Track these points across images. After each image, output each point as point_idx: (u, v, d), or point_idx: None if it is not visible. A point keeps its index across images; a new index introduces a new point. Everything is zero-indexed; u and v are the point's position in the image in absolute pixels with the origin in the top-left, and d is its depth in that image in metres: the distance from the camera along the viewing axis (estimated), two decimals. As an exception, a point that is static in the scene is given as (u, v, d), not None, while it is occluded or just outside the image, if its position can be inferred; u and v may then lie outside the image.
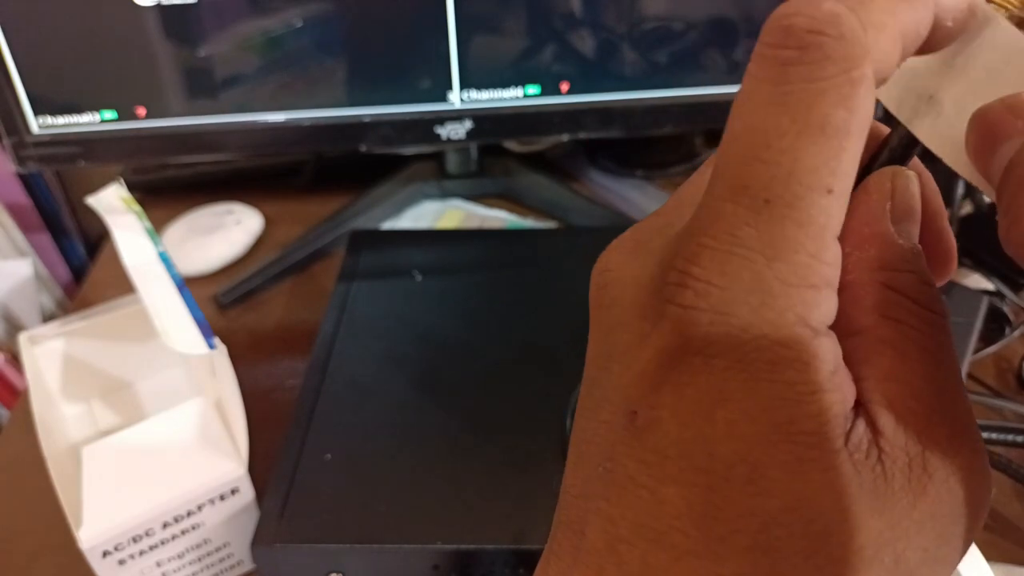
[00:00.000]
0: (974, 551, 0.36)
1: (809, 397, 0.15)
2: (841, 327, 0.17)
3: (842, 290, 0.17)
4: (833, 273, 0.16)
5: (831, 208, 0.16)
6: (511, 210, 0.71)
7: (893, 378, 0.16)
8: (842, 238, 0.16)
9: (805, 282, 0.16)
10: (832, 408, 0.16)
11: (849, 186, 0.16)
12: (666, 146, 0.75)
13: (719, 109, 0.60)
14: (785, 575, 0.15)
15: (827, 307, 0.16)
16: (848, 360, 0.17)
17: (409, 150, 0.72)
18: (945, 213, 0.19)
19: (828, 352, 0.16)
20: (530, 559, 0.39)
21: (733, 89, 0.60)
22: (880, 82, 0.16)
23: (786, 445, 0.15)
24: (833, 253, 0.16)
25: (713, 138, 0.75)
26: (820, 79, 0.15)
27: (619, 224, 0.68)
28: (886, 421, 0.16)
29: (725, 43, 0.59)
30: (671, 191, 0.73)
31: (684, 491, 0.16)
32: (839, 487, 0.15)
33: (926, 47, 0.17)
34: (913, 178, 0.18)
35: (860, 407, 0.16)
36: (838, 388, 0.16)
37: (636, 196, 0.71)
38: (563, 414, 0.44)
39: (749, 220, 0.16)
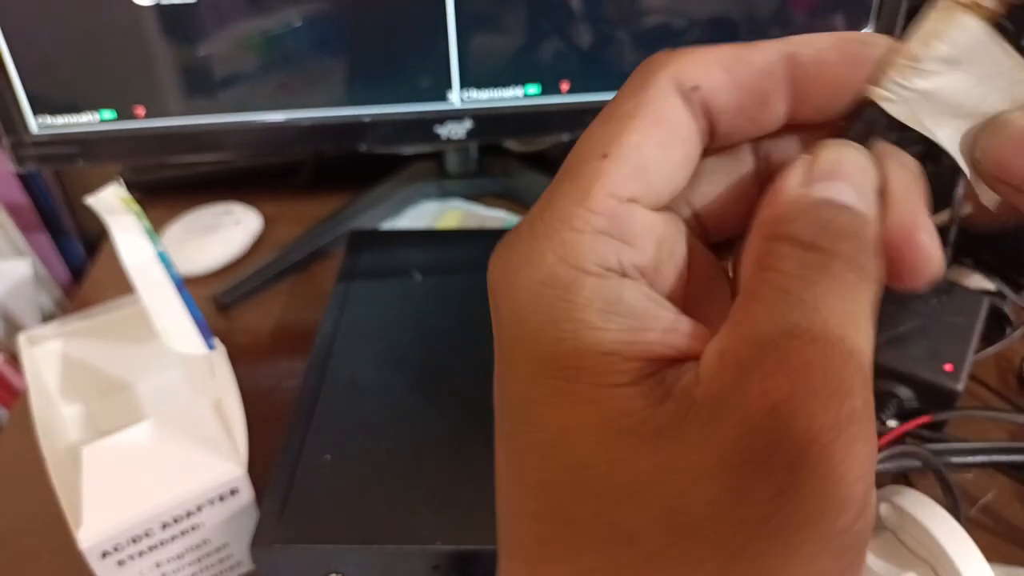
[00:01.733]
0: (974, 551, 0.36)
1: (571, 332, 0.16)
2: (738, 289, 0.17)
3: (745, 256, 0.17)
4: (602, 222, 0.17)
5: (603, 168, 0.17)
6: (511, 210, 0.71)
7: (735, 325, 0.16)
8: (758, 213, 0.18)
9: (565, 225, 0.17)
10: (599, 344, 0.16)
11: (639, 160, 0.17)
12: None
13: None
14: (558, 506, 0.16)
15: (597, 250, 0.17)
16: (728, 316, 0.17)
17: (409, 150, 0.72)
18: (921, 208, 0.18)
19: (594, 290, 0.16)
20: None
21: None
22: (696, 90, 0.18)
23: (550, 380, 0.16)
24: (603, 204, 0.17)
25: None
26: (623, 87, 0.18)
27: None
28: (706, 366, 0.16)
29: (725, 41, 0.59)
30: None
31: (500, 444, 0.18)
32: (599, 421, 0.16)
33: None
34: (841, 146, 0.18)
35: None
36: (616, 327, 0.16)
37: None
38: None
39: (546, 190, 0.18)
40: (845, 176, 0.17)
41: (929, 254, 0.18)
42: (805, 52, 0.18)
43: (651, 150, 0.18)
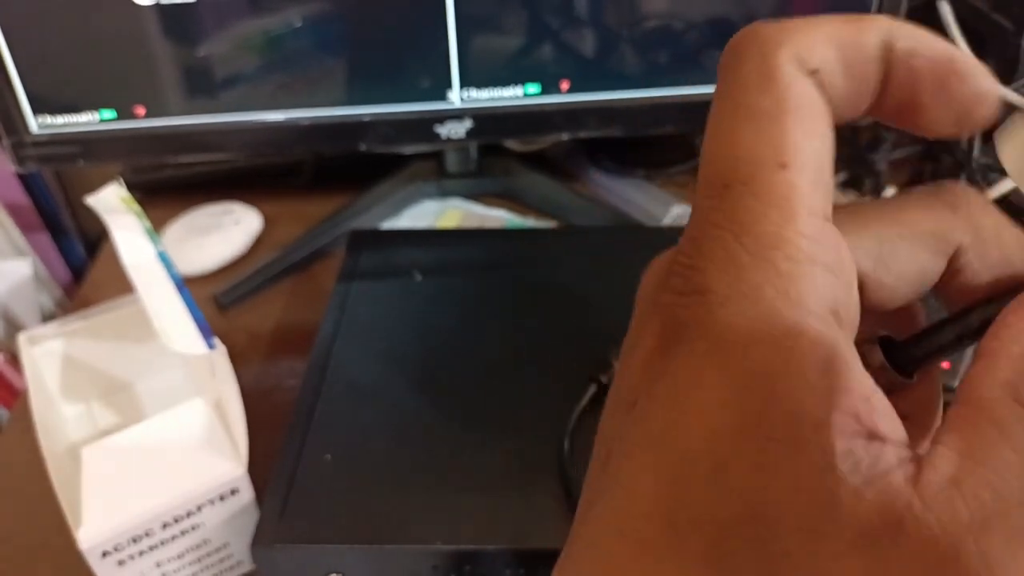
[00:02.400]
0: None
1: (785, 390, 0.14)
2: (961, 392, 0.16)
3: (982, 356, 0.16)
4: (817, 249, 0.15)
5: (791, 180, 0.15)
6: (511, 210, 0.71)
7: (979, 460, 0.14)
8: (1011, 305, 0.16)
9: (779, 253, 0.15)
10: (815, 413, 0.14)
11: (815, 162, 0.16)
12: (667, 145, 0.75)
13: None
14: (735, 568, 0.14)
15: (817, 287, 0.15)
16: (913, 407, 0.16)
17: (409, 149, 0.72)
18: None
19: (822, 337, 0.14)
20: (529, 559, 0.39)
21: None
22: (816, 74, 0.16)
23: (754, 443, 0.14)
24: (811, 227, 0.15)
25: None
26: (741, 74, 0.16)
27: (619, 224, 0.68)
28: (939, 484, 0.14)
29: (726, 42, 0.59)
30: (672, 190, 0.73)
31: (655, 482, 0.15)
32: (810, 503, 0.14)
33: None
34: None
35: (912, 460, 0.14)
36: (842, 391, 0.14)
37: (636, 196, 0.71)
38: (561, 429, 0.44)
39: (715, 205, 0.16)
40: None
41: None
42: (904, 46, 0.16)
43: (821, 152, 0.16)
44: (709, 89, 0.60)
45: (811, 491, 0.14)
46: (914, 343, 0.18)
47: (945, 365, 0.48)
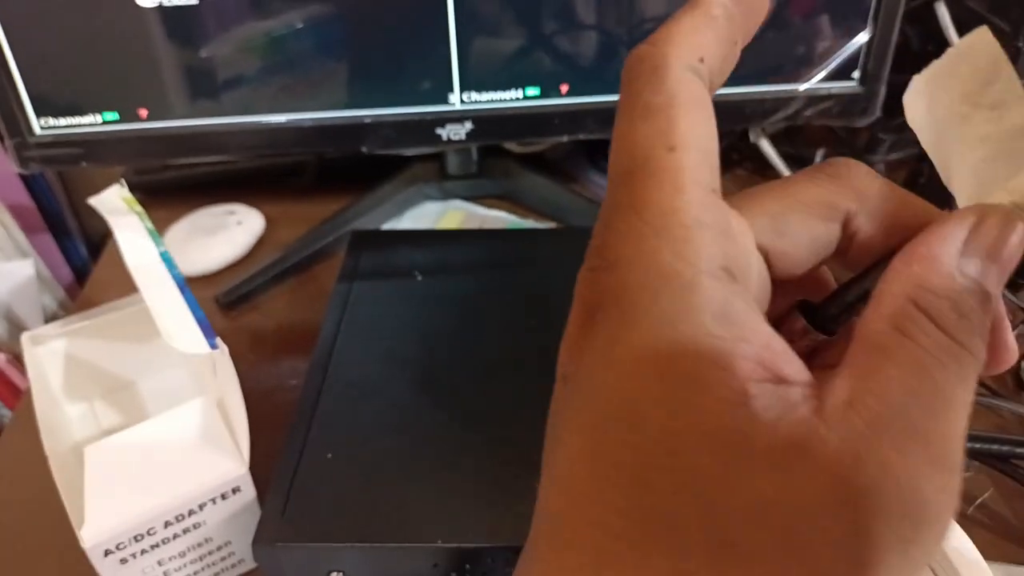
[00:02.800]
0: (972, 550, 0.36)
1: (688, 336, 0.16)
2: (855, 332, 0.18)
3: (871, 300, 0.18)
4: (705, 215, 0.17)
5: (680, 160, 0.17)
6: (511, 211, 0.71)
7: (869, 380, 0.17)
8: (897, 254, 0.18)
9: (673, 220, 0.17)
10: (714, 354, 0.16)
11: (701, 144, 0.18)
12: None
13: (717, 110, 0.60)
14: (658, 507, 0.16)
15: (708, 247, 0.17)
16: (840, 358, 0.17)
17: (410, 151, 0.72)
18: (1004, 319, 0.19)
19: (711, 292, 0.16)
20: (530, 558, 0.39)
21: (731, 91, 0.60)
22: (701, 63, 0.19)
23: (660, 382, 0.16)
24: (698, 196, 0.17)
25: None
26: (634, 80, 0.19)
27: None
28: (833, 408, 0.16)
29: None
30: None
31: (581, 439, 0.17)
32: (714, 434, 0.16)
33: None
34: (1008, 217, 0.18)
35: (812, 396, 0.17)
36: (729, 336, 0.16)
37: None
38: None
39: (619, 189, 0.18)
40: (1000, 260, 0.18)
41: (1007, 349, 0.19)
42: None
43: (705, 135, 0.18)
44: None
45: (724, 428, 0.16)
46: (828, 303, 0.21)
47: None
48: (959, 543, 0.36)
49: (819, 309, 0.21)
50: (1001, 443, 0.46)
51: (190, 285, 0.44)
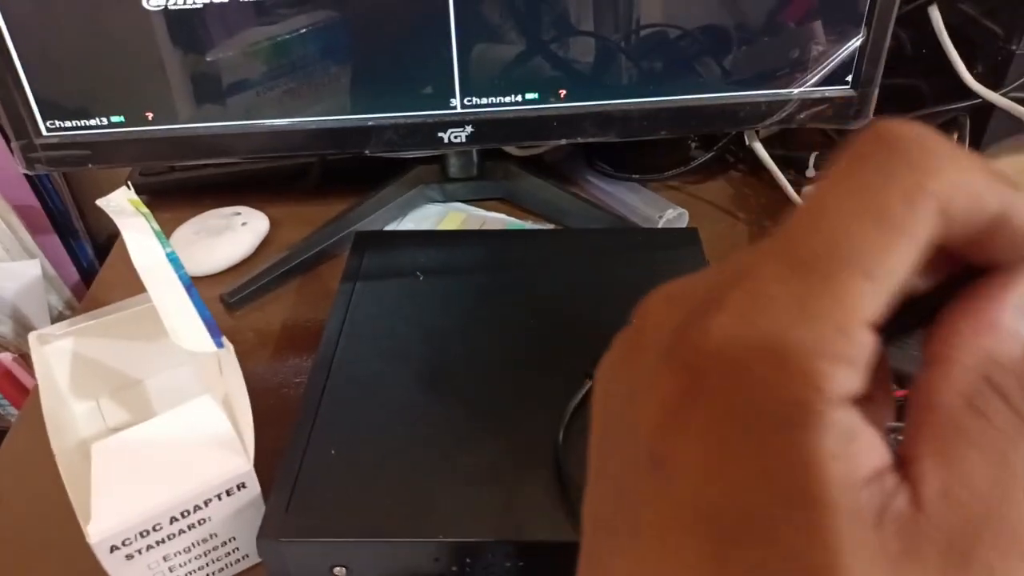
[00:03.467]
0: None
1: (814, 460, 0.15)
2: (918, 397, 0.17)
3: (937, 362, 0.17)
4: (858, 355, 0.16)
5: (867, 293, 0.16)
6: (511, 212, 0.71)
7: (955, 467, 0.16)
8: (959, 316, 0.17)
9: (826, 352, 0.16)
10: (840, 476, 0.15)
11: (891, 286, 0.16)
12: (661, 150, 0.76)
13: (712, 114, 0.61)
14: None
15: (845, 383, 0.16)
16: (912, 433, 0.17)
17: (412, 154, 0.73)
18: None
19: (841, 421, 0.16)
20: (528, 551, 0.40)
21: (726, 95, 0.60)
22: (939, 232, 0.16)
23: (785, 509, 0.16)
24: (860, 337, 0.16)
25: (706, 142, 0.76)
26: (893, 173, 0.16)
27: (615, 226, 0.68)
28: (934, 499, 0.16)
29: (719, 50, 0.59)
30: (665, 193, 0.74)
31: (697, 542, 0.16)
32: (840, 548, 0.15)
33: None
34: None
35: (904, 481, 0.16)
36: (850, 457, 0.16)
37: (632, 198, 0.72)
38: (557, 424, 0.45)
39: (783, 278, 0.16)
40: None
41: None
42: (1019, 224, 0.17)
43: (904, 278, 0.16)
44: (702, 96, 0.60)
45: (836, 543, 0.15)
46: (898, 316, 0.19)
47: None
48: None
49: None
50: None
51: (196, 285, 0.44)
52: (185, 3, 0.54)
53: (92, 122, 0.57)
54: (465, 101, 0.59)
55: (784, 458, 0.16)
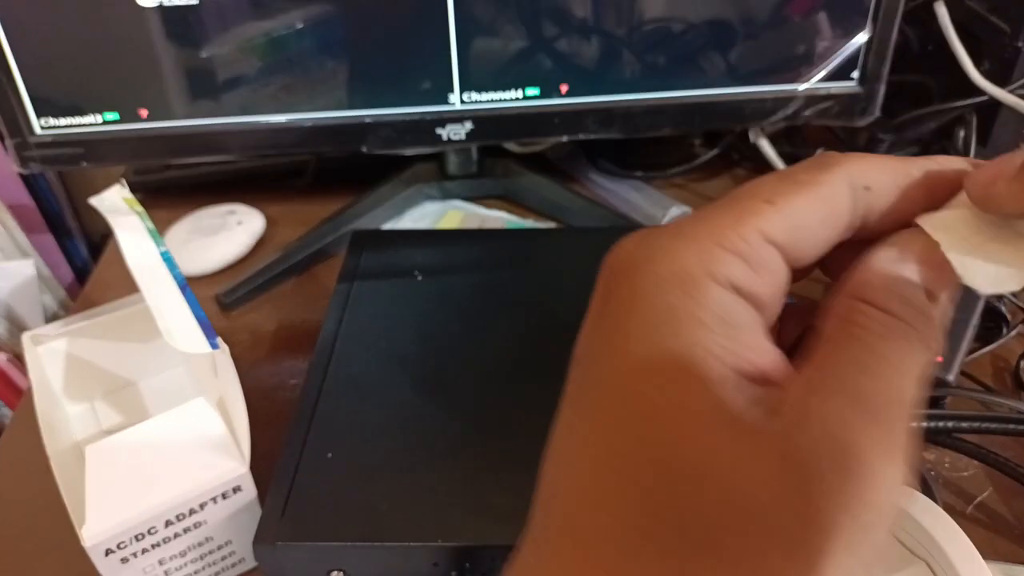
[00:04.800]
0: (971, 549, 0.36)
1: (687, 327, 0.19)
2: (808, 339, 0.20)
3: (825, 317, 0.20)
4: (748, 253, 0.19)
5: (763, 209, 0.20)
6: (511, 211, 0.71)
7: (820, 364, 0.19)
8: (842, 285, 0.20)
9: (712, 239, 0.19)
10: (709, 345, 0.18)
11: (792, 217, 0.20)
12: (664, 147, 0.76)
13: (717, 110, 0.61)
14: (633, 480, 0.18)
15: (732, 268, 0.19)
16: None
17: (410, 151, 0.73)
18: None
19: (718, 298, 0.19)
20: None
21: (731, 91, 0.60)
22: (867, 190, 0.21)
23: (658, 364, 0.19)
24: (752, 239, 0.20)
25: (711, 139, 0.76)
26: (815, 159, 0.22)
27: (618, 224, 0.68)
28: (794, 389, 0.18)
29: (723, 45, 0.59)
30: (669, 191, 0.73)
31: (589, 424, 0.20)
32: (698, 412, 0.18)
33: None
34: (934, 242, 0.21)
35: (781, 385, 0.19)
36: (725, 335, 0.19)
37: (635, 197, 0.72)
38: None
39: (707, 208, 0.21)
40: (931, 265, 0.20)
41: None
42: (945, 170, 0.22)
43: (810, 217, 0.20)
44: (706, 92, 0.60)
45: (706, 426, 0.18)
46: None
47: (938, 359, 0.48)
48: (958, 543, 0.36)
49: None
50: (946, 419, 0.47)
51: (191, 285, 0.44)
52: (180, -2, 0.54)
53: (86, 120, 0.57)
54: (464, 97, 0.59)
55: (670, 314, 0.19)
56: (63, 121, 0.57)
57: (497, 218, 0.70)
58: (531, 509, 0.21)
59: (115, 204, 0.47)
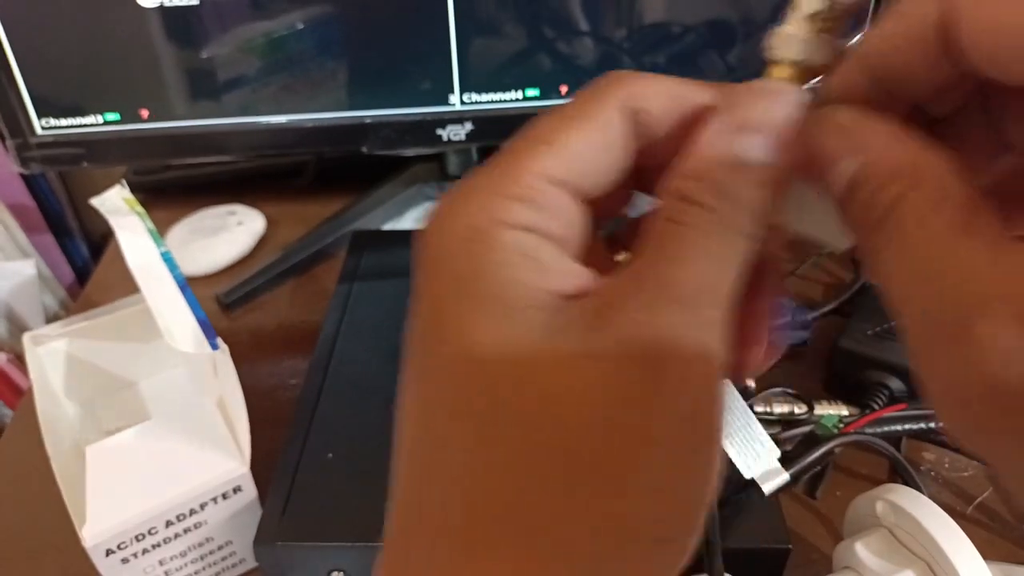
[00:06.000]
0: (971, 549, 0.36)
1: (489, 267, 0.19)
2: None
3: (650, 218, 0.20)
4: (529, 193, 0.19)
5: (540, 151, 0.20)
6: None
7: (636, 268, 0.19)
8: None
9: (494, 191, 0.20)
10: (513, 275, 0.19)
11: (571, 153, 0.20)
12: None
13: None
14: (454, 395, 0.19)
15: (519, 213, 0.19)
16: None
17: (410, 152, 0.72)
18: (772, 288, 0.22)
19: (513, 239, 0.19)
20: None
21: (732, 91, 0.60)
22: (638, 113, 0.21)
23: (465, 301, 0.19)
24: (532, 182, 0.19)
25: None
26: (592, 87, 0.22)
27: (617, 224, 0.68)
28: (612, 296, 0.18)
29: (721, 45, 0.59)
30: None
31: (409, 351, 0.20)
32: (509, 332, 0.18)
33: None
34: (762, 91, 0.21)
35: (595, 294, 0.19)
36: (530, 267, 0.19)
37: (636, 196, 0.72)
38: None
39: (489, 162, 0.21)
40: (758, 127, 0.20)
41: (763, 337, 0.22)
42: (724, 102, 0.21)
43: (586, 149, 0.20)
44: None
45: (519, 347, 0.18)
46: None
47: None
48: (958, 543, 0.36)
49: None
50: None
51: (191, 285, 0.44)
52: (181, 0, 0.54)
53: (87, 120, 0.57)
54: (464, 97, 0.59)
55: (470, 264, 0.19)
56: (64, 121, 0.57)
57: (497, 218, 0.70)
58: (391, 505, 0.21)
59: (116, 204, 0.47)
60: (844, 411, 0.49)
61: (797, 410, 0.49)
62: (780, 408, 0.49)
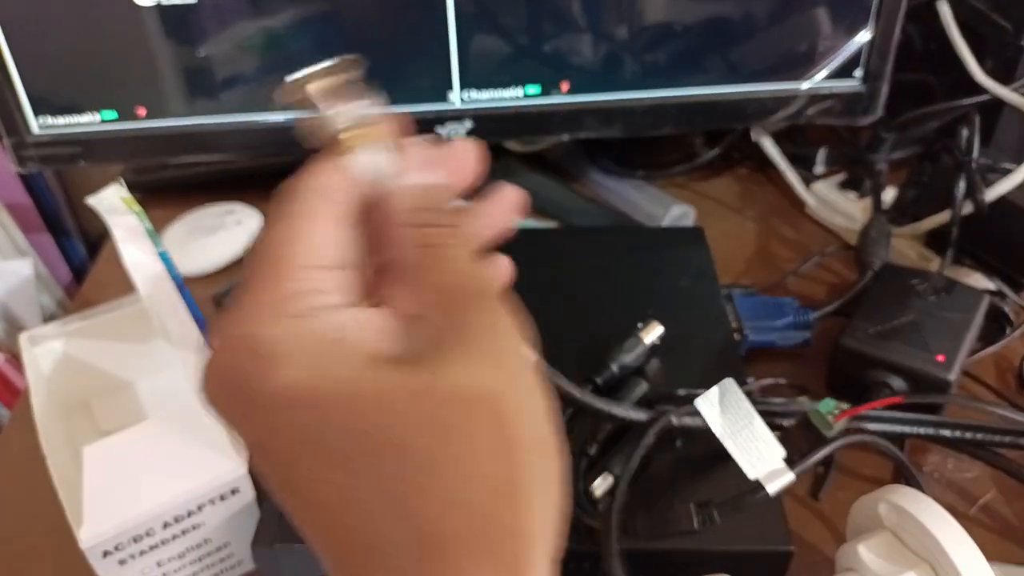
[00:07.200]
0: (974, 550, 0.36)
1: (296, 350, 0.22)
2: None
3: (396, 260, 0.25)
4: (296, 286, 0.23)
5: (288, 252, 0.25)
6: (511, 210, 0.71)
7: (410, 288, 0.24)
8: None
9: (279, 293, 0.23)
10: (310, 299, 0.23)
11: (302, 241, 0.25)
12: (666, 146, 0.75)
13: (718, 109, 0.61)
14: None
15: (293, 305, 0.22)
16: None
17: (409, 150, 0.72)
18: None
19: (287, 332, 0.22)
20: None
21: (732, 89, 0.60)
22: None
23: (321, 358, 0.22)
24: (297, 270, 0.23)
25: (712, 138, 0.75)
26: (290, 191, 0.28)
27: (618, 224, 0.68)
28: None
29: (724, 43, 0.59)
30: (671, 191, 0.73)
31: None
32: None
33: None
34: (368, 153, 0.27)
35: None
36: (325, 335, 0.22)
37: (636, 196, 0.71)
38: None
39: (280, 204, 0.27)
40: (420, 163, 0.27)
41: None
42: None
43: (315, 234, 0.25)
44: (708, 90, 0.60)
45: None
46: None
47: (940, 358, 0.48)
48: (961, 544, 0.36)
49: None
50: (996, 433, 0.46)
51: (189, 285, 0.44)
52: (177, -3, 0.54)
53: (84, 119, 0.57)
54: (464, 95, 0.59)
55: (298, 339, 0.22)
56: (61, 120, 0.57)
57: (497, 217, 0.70)
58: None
59: (113, 204, 0.47)
60: (845, 406, 0.49)
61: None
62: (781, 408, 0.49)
